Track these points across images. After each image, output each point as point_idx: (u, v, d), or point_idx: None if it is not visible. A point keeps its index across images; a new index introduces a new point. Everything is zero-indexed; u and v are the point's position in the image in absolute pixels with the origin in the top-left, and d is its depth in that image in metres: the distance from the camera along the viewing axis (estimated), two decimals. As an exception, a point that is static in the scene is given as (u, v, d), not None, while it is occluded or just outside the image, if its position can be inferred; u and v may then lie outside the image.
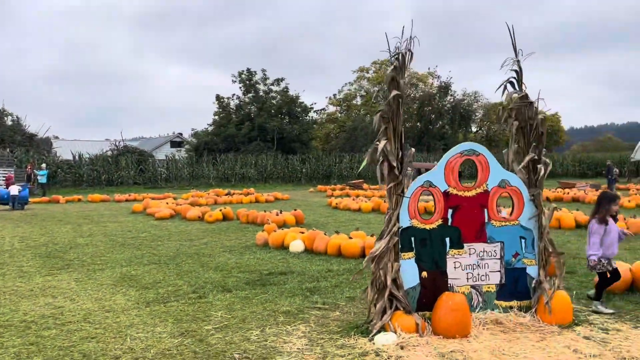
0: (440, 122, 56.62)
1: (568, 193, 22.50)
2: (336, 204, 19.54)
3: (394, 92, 4.88)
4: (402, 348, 4.46)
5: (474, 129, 62.12)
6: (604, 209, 5.64)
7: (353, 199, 20.06)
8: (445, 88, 56.39)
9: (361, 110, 60.92)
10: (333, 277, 7.31)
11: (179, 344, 4.72)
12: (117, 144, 42.10)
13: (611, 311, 5.46)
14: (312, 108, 52.62)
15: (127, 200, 24.50)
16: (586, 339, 4.68)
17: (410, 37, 4.93)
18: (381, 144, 4.85)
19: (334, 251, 8.99)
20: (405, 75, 4.99)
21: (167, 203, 18.95)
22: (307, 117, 52.66)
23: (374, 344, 4.57)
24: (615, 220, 5.74)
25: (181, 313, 5.68)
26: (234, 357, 4.38)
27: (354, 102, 62.68)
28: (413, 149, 5.07)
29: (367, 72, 62.98)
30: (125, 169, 37.81)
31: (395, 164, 4.91)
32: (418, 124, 57.31)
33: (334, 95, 63.09)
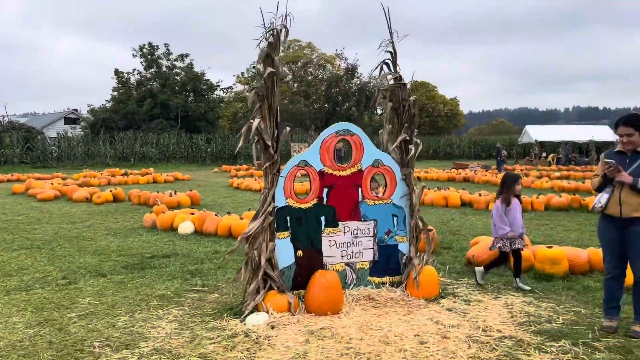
0: (347, 104, 57.59)
1: (460, 173, 23.88)
2: (238, 184, 19.26)
3: (269, 69, 4.78)
4: (272, 328, 4.44)
5: (379, 111, 63.92)
6: (507, 189, 5.79)
7: (255, 180, 19.89)
8: (352, 70, 57.30)
9: (269, 89, 60.33)
10: (219, 259, 7.16)
11: (34, 334, 4.38)
12: (0, 119, 38.53)
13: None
14: (218, 86, 51.33)
15: (8, 181, 22.51)
16: (448, 311, 4.94)
17: (286, 13, 4.83)
18: (255, 122, 4.75)
19: (225, 232, 8.83)
20: (281, 51, 4.89)
21: (51, 184, 17.64)
22: (214, 95, 51.32)
23: (245, 325, 4.52)
24: (520, 200, 5.95)
25: (44, 301, 5.29)
26: (93, 345, 4.13)
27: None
28: (288, 128, 5.02)
29: (276, 52, 62.38)
30: (9, 146, 34.73)
31: (270, 143, 4.84)
32: (326, 105, 57.94)
33: (242, 73, 61.93)
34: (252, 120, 4.77)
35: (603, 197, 4.38)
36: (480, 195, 13.25)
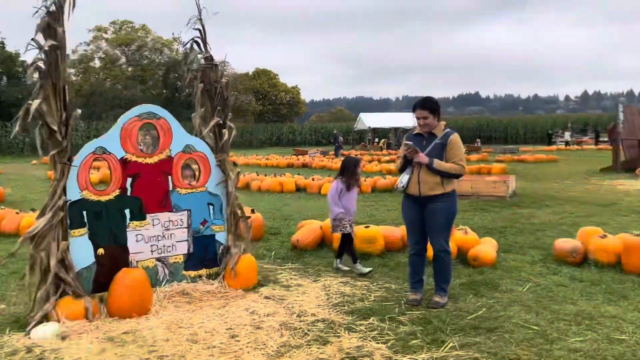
0: (187, 90, 55.52)
1: (299, 159, 24.42)
2: (58, 177, 17.32)
3: (50, 42, 4.14)
4: (63, 339, 3.88)
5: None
6: (349, 172, 5.74)
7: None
8: (191, 55, 55.30)
9: (100, 73, 55.79)
10: (12, 263, 6.18)
11: None
12: None
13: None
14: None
15: None
16: (267, 299, 4.80)
17: (71, -21, 4.21)
18: (34, 104, 4.08)
19: (28, 232, 7.73)
20: (66, 23, 4.25)
21: None
22: (33, 79, 45.74)
23: (30, 338, 3.89)
24: (359, 184, 5.94)
25: None
26: None
27: (92, 64, 56.98)
28: (79, 110, 4.42)
29: (106, 32, 57.79)
30: None
31: (56, 128, 4.20)
32: (164, 91, 55.30)
33: (67, 55, 56.22)
34: (30, 102, 4.09)
35: (404, 178, 4.57)
36: (313, 179, 13.57)
